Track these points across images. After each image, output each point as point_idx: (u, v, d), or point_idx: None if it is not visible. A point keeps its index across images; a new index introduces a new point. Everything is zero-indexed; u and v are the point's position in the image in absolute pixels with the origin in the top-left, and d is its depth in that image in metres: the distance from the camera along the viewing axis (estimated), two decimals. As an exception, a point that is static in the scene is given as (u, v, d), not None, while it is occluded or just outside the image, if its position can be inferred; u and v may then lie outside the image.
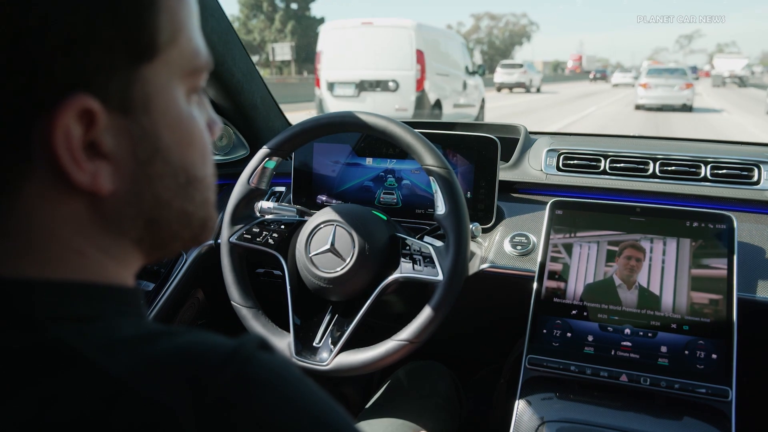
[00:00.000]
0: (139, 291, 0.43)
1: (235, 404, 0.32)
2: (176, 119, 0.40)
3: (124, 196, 0.38)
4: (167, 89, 0.38)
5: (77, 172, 0.34)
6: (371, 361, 0.95)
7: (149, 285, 1.29)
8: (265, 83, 1.44)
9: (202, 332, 0.36)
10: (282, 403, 0.34)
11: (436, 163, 0.94)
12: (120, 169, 0.37)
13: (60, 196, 0.36)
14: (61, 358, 0.32)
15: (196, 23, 0.41)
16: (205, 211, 0.44)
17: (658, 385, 0.90)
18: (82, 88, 0.33)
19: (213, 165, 0.45)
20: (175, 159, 0.40)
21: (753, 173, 1.17)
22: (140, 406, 0.31)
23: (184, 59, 0.39)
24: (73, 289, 0.37)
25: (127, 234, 0.40)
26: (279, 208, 1.13)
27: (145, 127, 0.37)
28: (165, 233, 0.42)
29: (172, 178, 0.40)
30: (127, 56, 0.35)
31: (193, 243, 0.45)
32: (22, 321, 0.34)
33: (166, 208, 0.41)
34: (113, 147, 0.36)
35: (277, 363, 0.36)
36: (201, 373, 0.33)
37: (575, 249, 1.03)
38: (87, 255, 0.38)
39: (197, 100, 0.43)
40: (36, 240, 0.36)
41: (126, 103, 0.36)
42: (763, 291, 0.98)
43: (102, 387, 0.31)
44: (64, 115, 0.33)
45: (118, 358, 0.32)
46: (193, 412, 0.31)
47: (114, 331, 0.35)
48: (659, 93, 15.95)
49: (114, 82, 0.35)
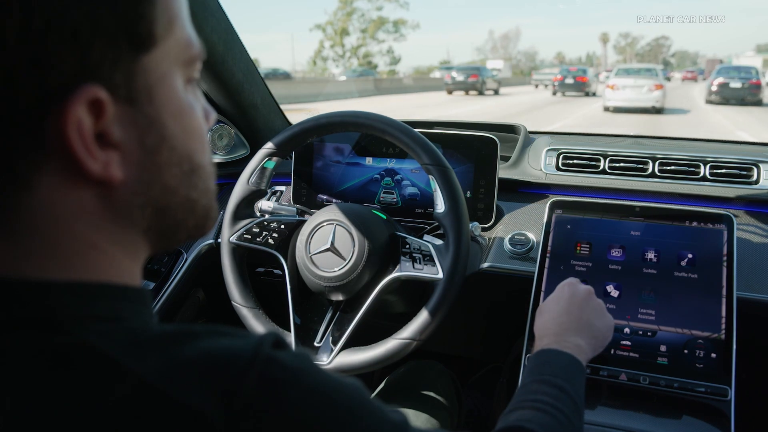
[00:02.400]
0: (148, 291, 0.45)
1: (262, 407, 0.34)
2: (178, 108, 0.41)
3: (133, 184, 0.39)
4: (168, 79, 0.40)
5: (90, 161, 0.36)
6: (372, 360, 0.95)
7: (149, 284, 1.29)
8: (265, 83, 1.44)
9: (221, 333, 0.38)
10: (308, 396, 0.36)
11: (435, 162, 0.94)
12: (129, 158, 0.38)
13: (73, 188, 0.37)
14: (89, 359, 0.33)
15: (187, 15, 0.42)
16: (207, 199, 0.45)
17: (657, 384, 0.90)
18: (90, 79, 0.35)
19: (211, 153, 0.47)
20: (180, 147, 0.41)
21: (752, 172, 1.17)
22: (171, 408, 0.32)
23: (179, 49, 0.41)
24: (92, 289, 0.38)
25: (137, 224, 0.41)
26: (279, 207, 1.14)
27: (151, 116, 0.39)
28: (171, 221, 0.43)
29: (178, 166, 0.42)
30: (128, 47, 0.36)
31: (197, 232, 0.46)
32: (44, 323, 0.34)
33: (173, 196, 0.42)
34: (122, 136, 0.37)
35: (296, 358, 0.38)
36: (227, 380, 0.34)
37: (574, 248, 1.03)
38: (100, 248, 0.39)
39: (192, 90, 0.45)
40: (51, 236, 0.37)
41: (131, 93, 0.37)
42: (763, 290, 0.98)
43: (132, 389, 0.32)
44: (76, 106, 0.34)
45: (144, 360, 0.34)
46: (225, 418, 0.33)
47: (136, 333, 0.36)
48: (627, 95, 15.35)
49: (119, 73, 0.36)
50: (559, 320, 0.80)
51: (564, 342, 0.76)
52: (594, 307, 0.83)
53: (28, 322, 0.34)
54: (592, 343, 0.78)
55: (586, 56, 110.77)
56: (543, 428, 0.61)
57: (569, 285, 0.86)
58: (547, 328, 0.80)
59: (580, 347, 0.76)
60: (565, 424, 0.63)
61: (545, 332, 0.80)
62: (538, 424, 0.62)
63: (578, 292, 0.84)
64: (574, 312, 0.81)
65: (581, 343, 0.77)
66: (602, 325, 0.82)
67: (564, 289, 0.85)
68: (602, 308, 0.84)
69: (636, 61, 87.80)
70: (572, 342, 0.76)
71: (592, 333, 0.79)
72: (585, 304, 0.82)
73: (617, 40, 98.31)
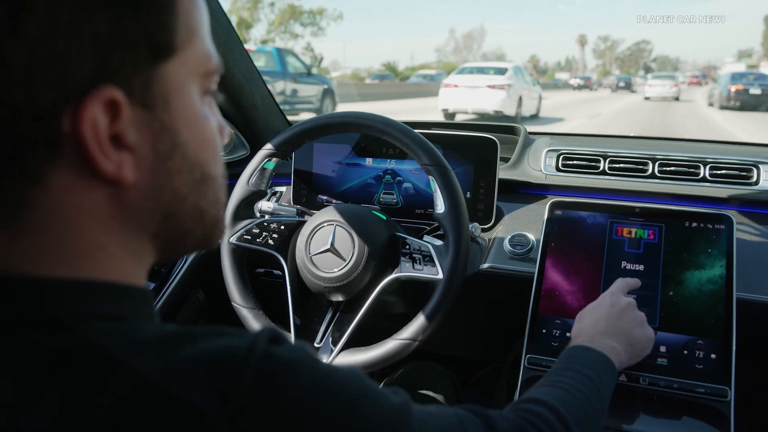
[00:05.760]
0: (150, 293, 0.45)
1: (260, 403, 0.34)
2: (193, 117, 0.42)
3: (144, 188, 0.40)
4: (184, 88, 0.41)
5: (103, 160, 0.36)
6: (372, 360, 0.95)
7: (149, 285, 1.29)
8: (265, 83, 1.44)
9: (219, 334, 0.38)
10: (306, 388, 0.37)
11: (435, 163, 0.94)
12: (141, 162, 0.39)
13: (84, 187, 0.37)
14: (91, 358, 0.34)
15: (208, 29, 0.44)
16: (216, 210, 0.46)
17: (656, 384, 0.90)
18: (108, 80, 0.35)
19: (224, 167, 0.47)
20: (192, 155, 0.42)
21: (752, 173, 1.17)
22: (173, 406, 0.33)
23: (198, 60, 0.42)
24: (96, 288, 0.38)
25: (145, 228, 0.42)
26: (279, 208, 1.14)
27: (165, 122, 0.39)
28: (179, 229, 0.44)
29: (189, 174, 0.42)
30: (147, 54, 0.37)
31: (205, 243, 0.47)
32: (47, 321, 0.35)
33: (183, 203, 0.43)
34: (136, 140, 0.38)
35: (292, 352, 0.38)
36: (224, 379, 0.34)
37: (574, 249, 1.03)
38: (107, 249, 0.39)
39: (209, 103, 0.45)
40: (58, 233, 0.37)
41: (148, 98, 0.38)
42: (762, 291, 0.98)
43: (133, 387, 0.33)
44: (92, 105, 0.35)
45: (146, 360, 0.34)
46: (224, 415, 0.33)
47: (137, 332, 0.36)
48: (658, 90, 26.35)
49: (137, 78, 0.37)
50: (596, 324, 0.79)
51: (598, 342, 0.75)
52: (633, 317, 0.82)
53: (32, 320, 0.35)
54: (628, 351, 0.78)
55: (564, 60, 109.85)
56: (556, 400, 0.60)
57: (611, 295, 0.85)
58: (582, 330, 0.80)
59: (614, 349, 0.75)
60: (582, 401, 0.63)
61: (580, 333, 0.79)
62: (553, 396, 0.61)
63: (619, 302, 0.83)
64: (613, 319, 0.80)
65: (616, 345, 0.76)
66: (641, 335, 0.81)
67: (606, 299, 0.84)
68: (643, 320, 0.83)
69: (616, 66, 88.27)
70: (607, 343, 0.75)
71: (630, 341, 0.78)
72: (624, 314, 0.81)
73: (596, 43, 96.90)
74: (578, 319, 0.84)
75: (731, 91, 18.30)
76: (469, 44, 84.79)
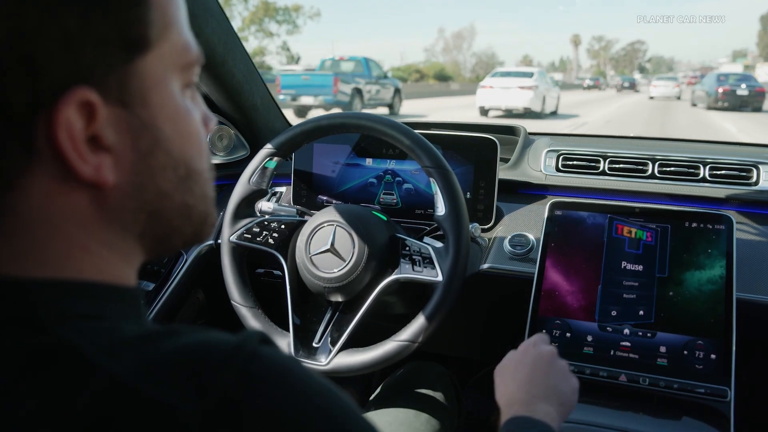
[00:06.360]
0: (139, 291, 0.44)
1: (240, 401, 0.33)
2: (174, 112, 0.41)
3: (127, 188, 0.39)
4: (163, 82, 0.39)
5: (81, 163, 0.35)
6: (370, 361, 0.95)
7: (149, 285, 1.29)
8: (265, 83, 1.44)
9: (204, 331, 0.37)
10: (289, 397, 0.35)
11: (435, 164, 0.94)
12: (122, 162, 0.38)
13: (64, 191, 0.36)
14: (67, 358, 0.33)
15: (185, 19, 0.42)
16: (204, 205, 0.45)
17: (657, 385, 0.90)
18: (81, 81, 0.34)
19: (210, 161, 0.46)
20: (175, 151, 0.41)
21: (752, 174, 1.17)
22: (141, 406, 0.31)
23: (176, 53, 0.40)
24: (77, 288, 0.37)
25: (130, 228, 0.41)
26: (279, 208, 1.14)
27: (145, 119, 0.38)
28: (166, 227, 0.43)
29: (173, 171, 0.41)
30: (121, 50, 0.36)
31: (195, 239, 0.46)
32: (26, 321, 0.34)
33: (168, 200, 0.41)
34: (114, 140, 0.37)
35: (281, 357, 0.37)
36: (204, 373, 0.33)
37: (574, 249, 1.03)
38: (91, 251, 0.39)
39: (191, 95, 0.44)
40: (40, 237, 0.36)
41: (124, 96, 0.37)
42: (762, 291, 0.98)
43: (102, 387, 0.32)
44: (66, 108, 0.34)
45: (119, 359, 0.33)
46: (199, 412, 0.32)
47: (116, 332, 0.35)
48: (662, 90, 29.08)
49: (111, 76, 0.36)
50: (526, 388, 0.74)
51: (534, 410, 0.71)
52: (559, 369, 0.76)
53: (10, 321, 0.34)
54: (560, 411, 0.73)
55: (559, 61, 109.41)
56: None
57: (533, 346, 0.79)
58: (513, 396, 0.74)
59: (549, 415, 0.71)
60: None
61: (512, 401, 0.74)
62: None
63: (542, 356, 0.77)
64: (540, 378, 0.75)
65: (550, 410, 0.71)
66: (568, 390, 0.76)
67: (528, 352, 0.79)
68: (566, 371, 0.77)
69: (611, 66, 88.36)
70: (542, 410, 0.71)
71: (560, 399, 0.74)
72: (550, 369, 0.76)
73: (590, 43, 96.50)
74: (499, 375, 0.79)
75: (719, 92, 18.79)
76: (459, 44, 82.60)
